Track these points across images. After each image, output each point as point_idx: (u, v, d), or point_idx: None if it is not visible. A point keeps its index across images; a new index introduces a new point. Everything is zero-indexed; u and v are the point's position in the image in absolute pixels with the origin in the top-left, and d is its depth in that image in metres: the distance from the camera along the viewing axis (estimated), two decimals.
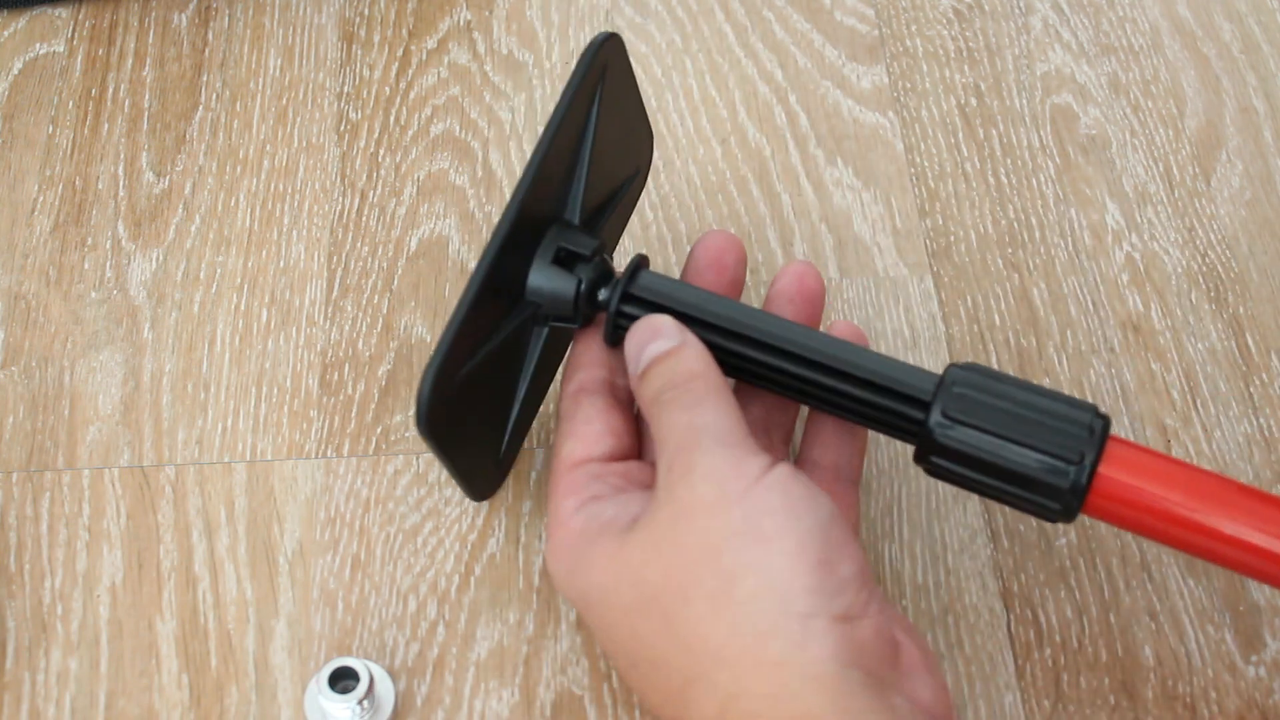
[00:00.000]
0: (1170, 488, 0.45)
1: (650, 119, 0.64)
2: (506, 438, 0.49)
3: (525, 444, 0.55)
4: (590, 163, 0.50)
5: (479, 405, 0.48)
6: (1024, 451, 0.45)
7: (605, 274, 0.49)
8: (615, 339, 0.49)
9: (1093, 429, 0.45)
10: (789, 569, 0.41)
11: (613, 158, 0.52)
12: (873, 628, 0.42)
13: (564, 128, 0.49)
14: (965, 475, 0.46)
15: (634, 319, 0.48)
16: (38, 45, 0.67)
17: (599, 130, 0.50)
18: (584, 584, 0.45)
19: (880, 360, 0.47)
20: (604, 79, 0.50)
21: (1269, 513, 0.44)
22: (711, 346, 0.47)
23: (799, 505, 0.42)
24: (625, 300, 0.49)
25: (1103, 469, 0.45)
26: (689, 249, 0.54)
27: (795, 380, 0.47)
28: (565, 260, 0.49)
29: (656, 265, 0.60)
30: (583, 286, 0.48)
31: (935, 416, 0.46)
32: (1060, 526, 0.53)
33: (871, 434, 0.55)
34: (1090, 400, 0.53)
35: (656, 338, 0.47)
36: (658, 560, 0.43)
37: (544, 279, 0.48)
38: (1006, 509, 0.53)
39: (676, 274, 0.59)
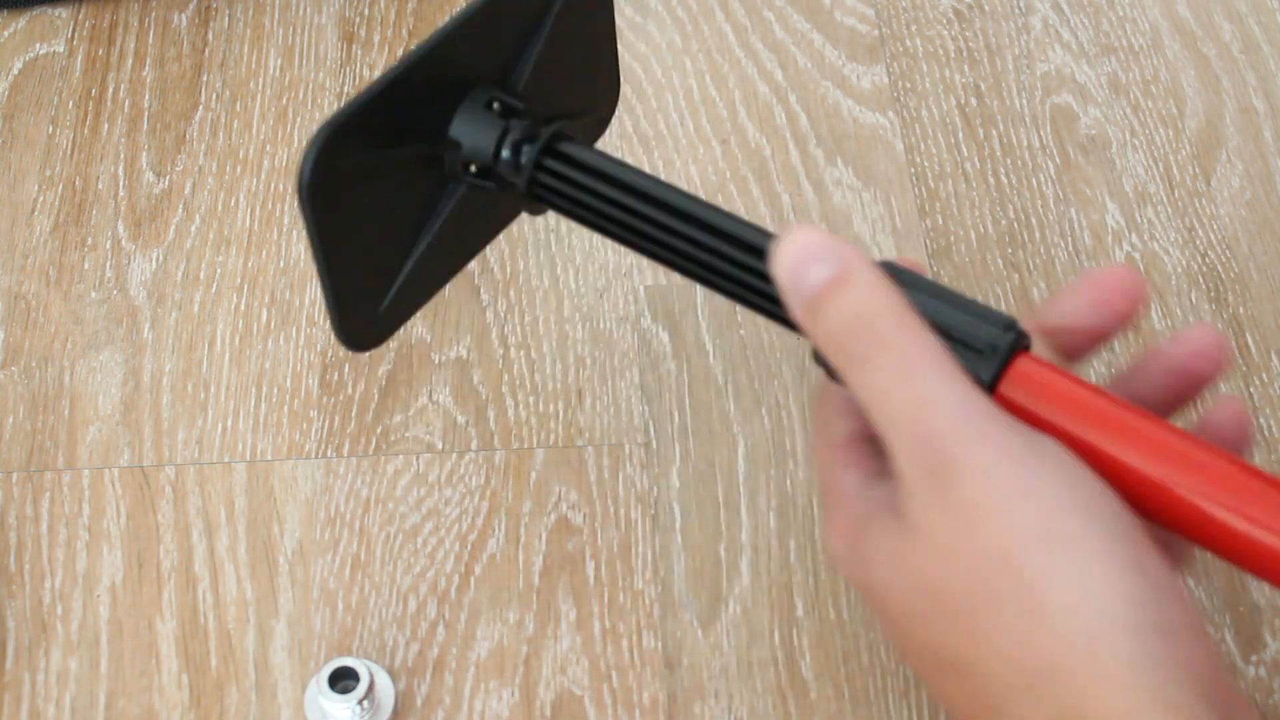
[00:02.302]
0: (1079, 418, 0.38)
1: (650, 119, 0.64)
2: (394, 289, 0.46)
3: (524, 444, 0.55)
4: (543, 47, 0.47)
5: (370, 221, 0.45)
6: None
7: (533, 138, 0.45)
8: (535, 201, 0.46)
9: (996, 346, 0.39)
10: (1103, 576, 0.36)
11: (569, 68, 0.49)
12: (1203, 648, 0.36)
13: None
14: None
15: (556, 176, 0.45)
16: (38, 45, 0.67)
17: (560, 20, 0.47)
18: (865, 577, 0.40)
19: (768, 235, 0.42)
20: None
21: (1183, 452, 0.39)
22: (631, 213, 0.44)
23: (1094, 498, 0.37)
24: (548, 154, 0.45)
25: (1001, 389, 0.39)
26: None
27: (711, 256, 0.43)
28: (496, 109, 0.45)
29: (655, 266, 0.60)
30: (508, 136, 0.45)
31: None
32: None
33: None
34: None
35: (812, 260, 0.39)
36: (946, 569, 0.37)
37: (470, 120, 0.45)
38: None
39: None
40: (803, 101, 0.65)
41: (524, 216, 0.50)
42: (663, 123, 0.64)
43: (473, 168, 0.46)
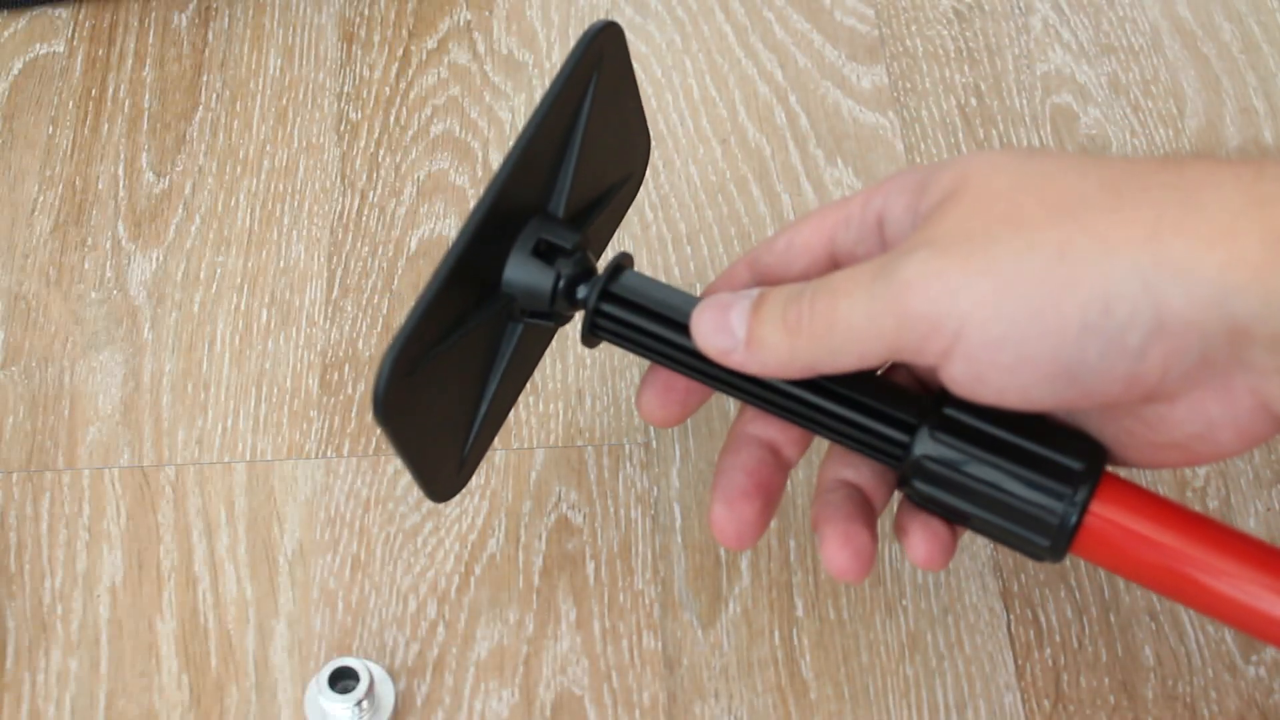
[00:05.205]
0: (1165, 534, 0.42)
1: (650, 119, 0.64)
2: (472, 437, 0.47)
3: (524, 444, 0.55)
4: (579, 156, 0.48)
5: (443, 398, 0.46)
6: (1014, 485, 0.42)
7: (586, 271, 0.46)
8: (592, 339, 0.47)
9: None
10: None
11: (605, 155, 0.50)
12: None
13: (552, 115, 0.46)
14: (952, 508, 0.43)
15: (613, 319, 0.46)
16: (38, 45, 0.67)
17: (591, 123, 0.48)
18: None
19: (869, 380, 0.44)
20: (600, 69, 0.48)
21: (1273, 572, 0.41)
22: (691, 353, 0.45)
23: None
24: (604, 299, 0.46)
25: (1094, 510, 0.42)
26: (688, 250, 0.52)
27: (775, 394, 0.45)
28: (545, 253, 0.46)
29: (656, 265, 0.60)
30: (561, 281, 0.46)
31: (920, 445, 0.43)
32: None
33: None
34: None
35: (726, 308, 0.44)
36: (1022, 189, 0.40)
37: (521, 270, 0.46)
38: None
39: (676, 273, 0.59)
40: (803, 101, 0.65)
41: None
42: (663, 123, 0.64)
43: (529, 311, 0.47)
